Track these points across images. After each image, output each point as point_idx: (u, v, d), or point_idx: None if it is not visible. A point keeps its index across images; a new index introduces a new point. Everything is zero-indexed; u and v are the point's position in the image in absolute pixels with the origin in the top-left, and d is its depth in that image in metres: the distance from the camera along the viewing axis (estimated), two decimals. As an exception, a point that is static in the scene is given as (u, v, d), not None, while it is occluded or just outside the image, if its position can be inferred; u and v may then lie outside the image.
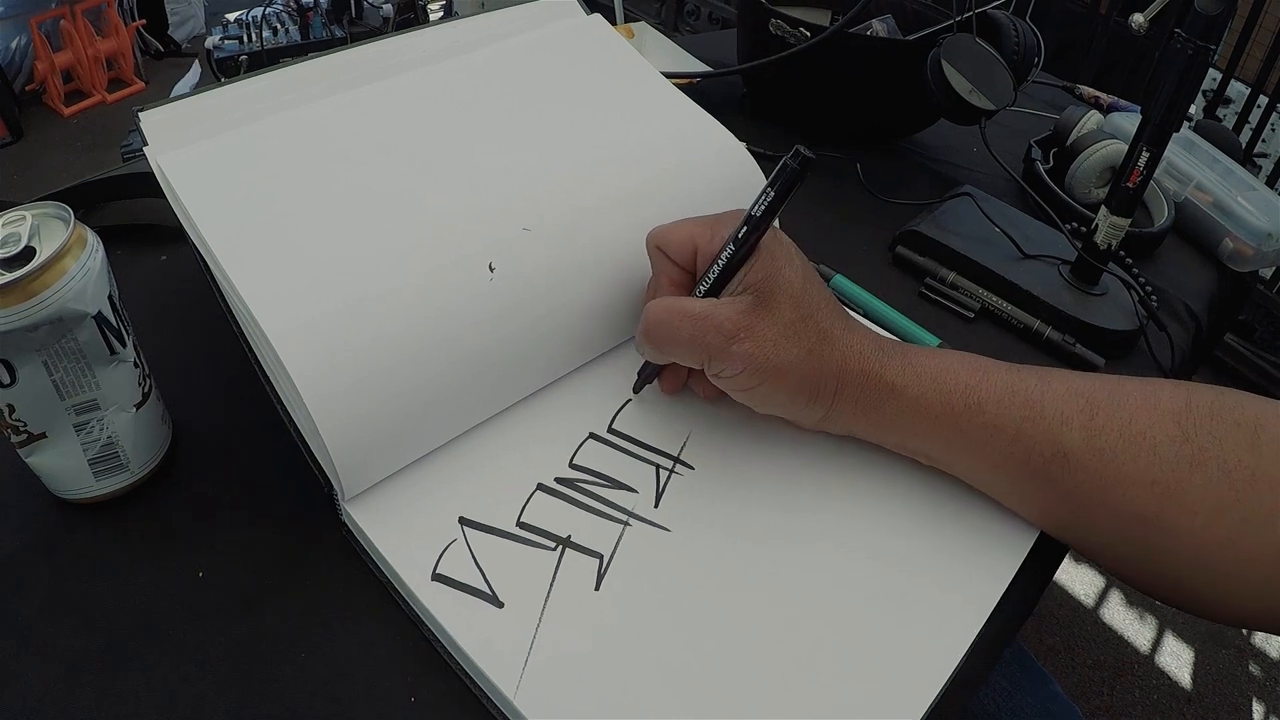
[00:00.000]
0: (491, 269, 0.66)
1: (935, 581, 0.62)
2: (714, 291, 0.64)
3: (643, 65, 0.87)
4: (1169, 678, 2.15)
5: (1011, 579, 0.62)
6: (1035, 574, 0.65)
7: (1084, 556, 0.65)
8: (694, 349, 0.62)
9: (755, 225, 0.62)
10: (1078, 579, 2.34)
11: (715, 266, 0.64)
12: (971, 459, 0.64)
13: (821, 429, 0.67)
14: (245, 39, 3.77)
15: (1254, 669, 2.20)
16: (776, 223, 0.64)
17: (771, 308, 0.61)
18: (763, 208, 0.62)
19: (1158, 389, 0.61)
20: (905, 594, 0.61)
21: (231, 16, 3.89)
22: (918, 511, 0.66)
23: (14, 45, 4.18)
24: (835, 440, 0.69)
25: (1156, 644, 2.22)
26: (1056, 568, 0.71)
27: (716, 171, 0.80)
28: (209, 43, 3.79)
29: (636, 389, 0.71)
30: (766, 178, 0.61)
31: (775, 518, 0.64)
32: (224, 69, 3.66)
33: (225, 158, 0.68)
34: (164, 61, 4.89)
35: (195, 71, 4.36)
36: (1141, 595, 2.25)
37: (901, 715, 0.54)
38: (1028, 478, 0.62)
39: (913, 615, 0.60)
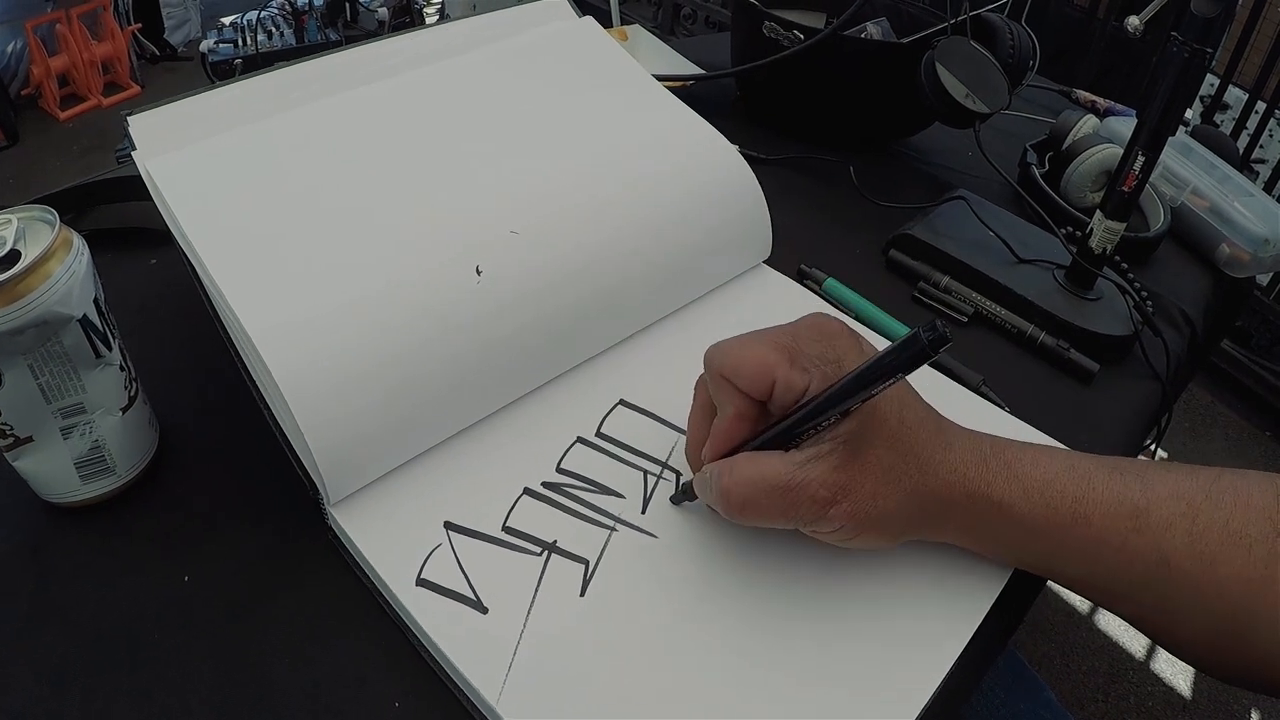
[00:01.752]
0: (479, 272, 0.65)
1: (926, 588, 0.61)
2: (795, 441, 0.57)
3: (634, 68, 0.87)
4: (1164, 684, 2.15)
5: (1004, 585, 0.62)
6: (1028, 581, 0.65)
7: (1172, 653, 0.64)
8: (785, 520, 0.57)
9: (863, 383, 0.53)
10: (1073, 585, 2.34)
11: (810, 429, 0.56)
12: (1074, 568, 0.62)
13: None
14: (240, 43, 3.77)
15: (1250, 675, 2.19)
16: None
17: (866, 458, 0.56)
18: (879, 388, 0.52)
19: (1250, 483, 0.60)
20: (895, 600, 0.60)
21: (227, 20, 3.89)
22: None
23: (9, 49, 4.18)
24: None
25: (1152, 651, 2.22)
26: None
27: (708, 175, 0.80)
28: (204, 46, 3.79)
29: (677, 502, 0.65)
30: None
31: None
32: (219, 73, 3.66)
33: (212, 161, 0.68)
34: (160, 65, 4.90)
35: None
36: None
37: (891, 722, 0.54)
38: (1127, 585, 0.60)
39: (903, 622, 0.59)
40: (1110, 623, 2.27)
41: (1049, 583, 0.65)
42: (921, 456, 0.58)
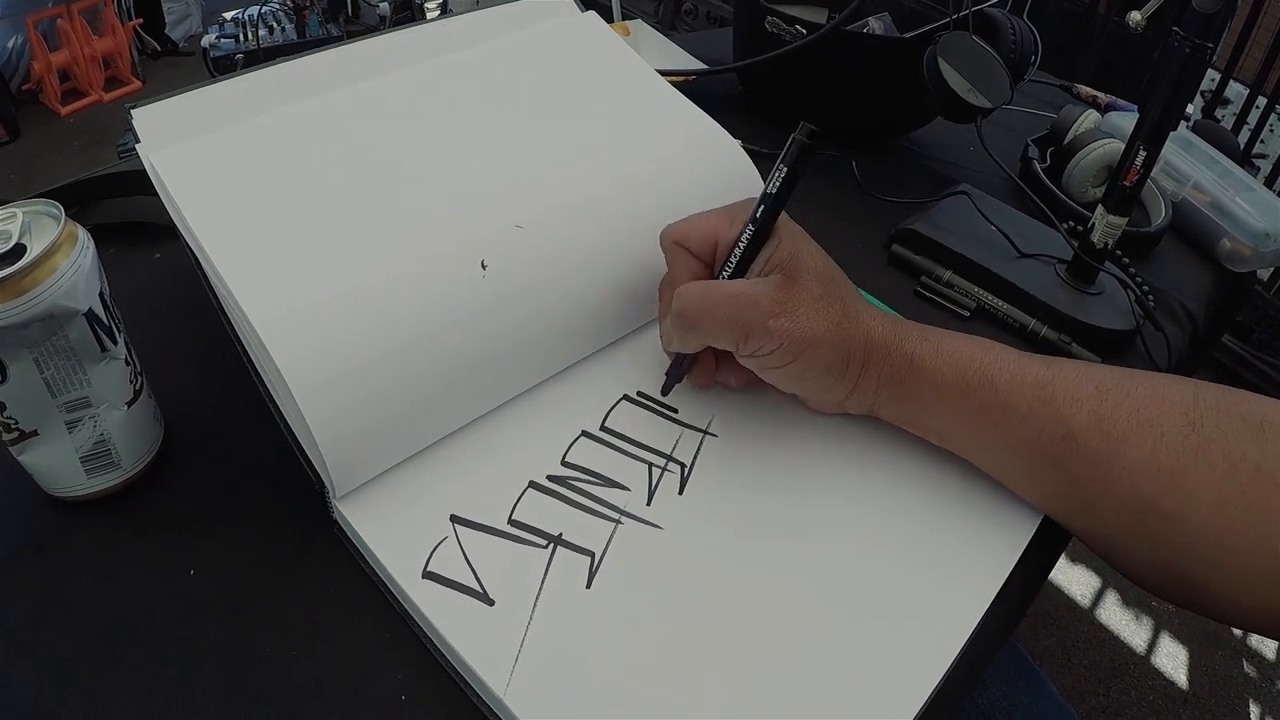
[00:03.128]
0: (484, 266, 0.66)
1: (930, 580, 0.62)
2: (738, 274, 0.65)
3: (637, 62, 0.87)
4: (1165, 679, 2.15)
5: (1005, 579, 0.62)
6: (1030, 575, 0.65)
7: (1086, 545, 0.66)
8: (732, 327, 0.62)
9: (772, 203, 0.64)
10: (1074, 580, 2.34)
11: (736, 250, 0.65)
12: (983, 437, 0.65)
13: (843, 409, 0.68)
14: (241, 37, 3.77)
15: (1250, 670, 2.20)
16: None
17: (800, 285, 0.62)
18: (777, 185, 0.63)
19: (1166, 381, 0.62)
20: (899, 593, 0.61)
21: (228, 15, 3.90)
22: (911, 512, 0.66)
23: (11, 44, 4.18)
24: (828, 437, 0.69)
25: (1153, 645, 2.22)
26: (1051, 568, 0.71)
27: (711, 169, 0.80)
28: (205, 41, 3.80)
29: (665, 391, 0.72)
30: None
31: (768, 515, 0.64)
32: (220, 68, 3.67)
33: (217, 154, 0.68)
34: (161, 61, 4.90)
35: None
36: (1138, 596, 2.26)
37: (894, 714, 0.54)
38: (1036, 458, 0.63)
39: (907, 614, 0.59)
40: (1112, 617, 2.27)
41: (1052, 577, 0.66)
42: (845, 300, 0.64)
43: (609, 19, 1.09)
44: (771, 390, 0.68)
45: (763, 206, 0.64)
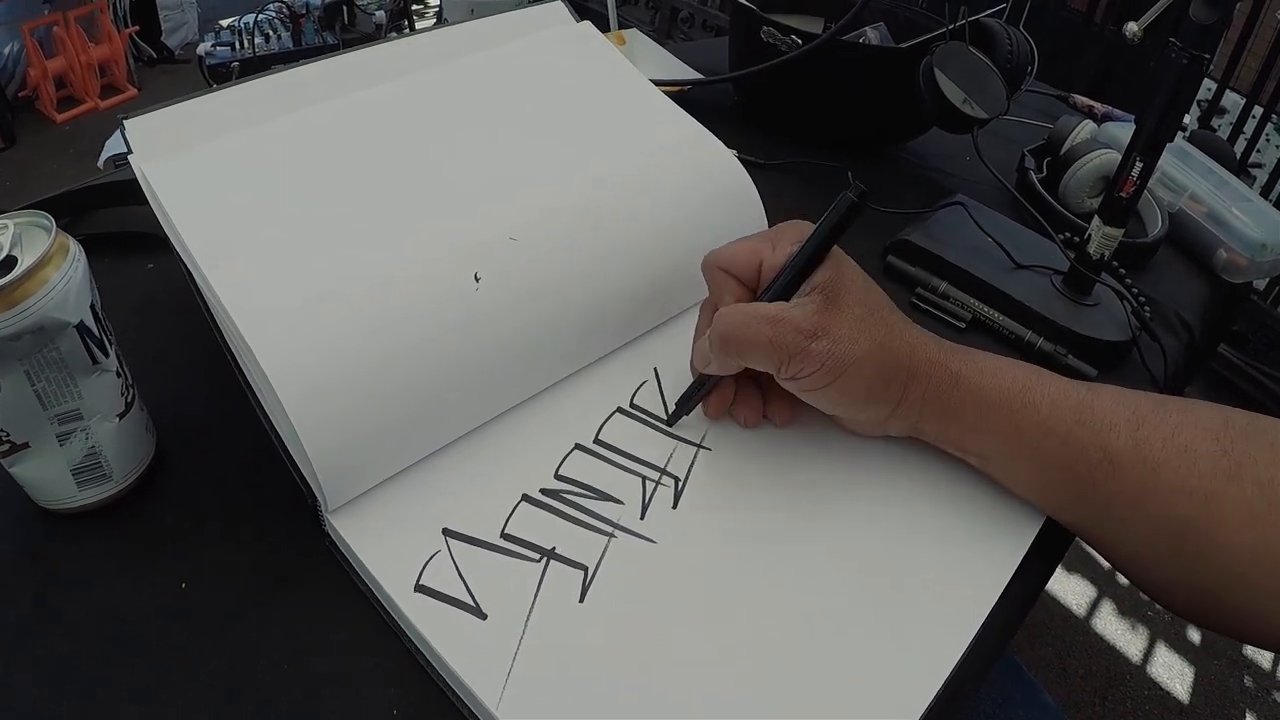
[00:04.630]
0: (477, 278, 0.65)
1: (926, 593, 0.61)
2: (781, 299, 0.65)
3: (632, 73, 0.87)
4: (1161, 688, 2.15)
5: (1001, 591, 0.62)
6: (1026, 585, 0.65)
7: (1119, 569, 0.67)
8: (773, 351, 0.62)
9: (822, 235, 0.64)
10: (1070, 589, 2.34)
11: (784, 275, 0.65)
12: (1024, 459, 0.65)
13: (886, 429, 0.68)
14: (237, 45, 3.78)
15: (1247, 680, 2.20)
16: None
17: (841, 306, 0.63)
18: (828, 229, 0.64)
19: (1198, 407, 0.63)
20: (895, 605, 0.60)
21: (224, 23, 3.90)
22: (907, 524, 0.65)
23: (7, 51, 4.19)
24: (822, 450, 0.69)
25: (1149, 654, 2.22)
26: (1048, 578, 0.71)
27: (706, 181, 0.80)
28: (201, 49, 3.81)
29: (672, 421, 0.71)
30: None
31: (762, 529, 0.64)
32: (216, 75, 3.67)
33: (209, 166, 0.68)
34: (157, 68, 4.91)
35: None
36: (1134, 605, 2.26)
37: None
38: (1074, 482, 0.63)
39: (902, 629, 0.59)
40: (1108, 626, 2.27)
41: (1048, 587, 0.66)
42: (888, 320, 0.64)
43: (604, 28, 1.09)
44: (806, 413, 0.68)
45: (816, 243, 0.64)
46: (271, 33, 3.87)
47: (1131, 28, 0.82)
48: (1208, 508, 0.59)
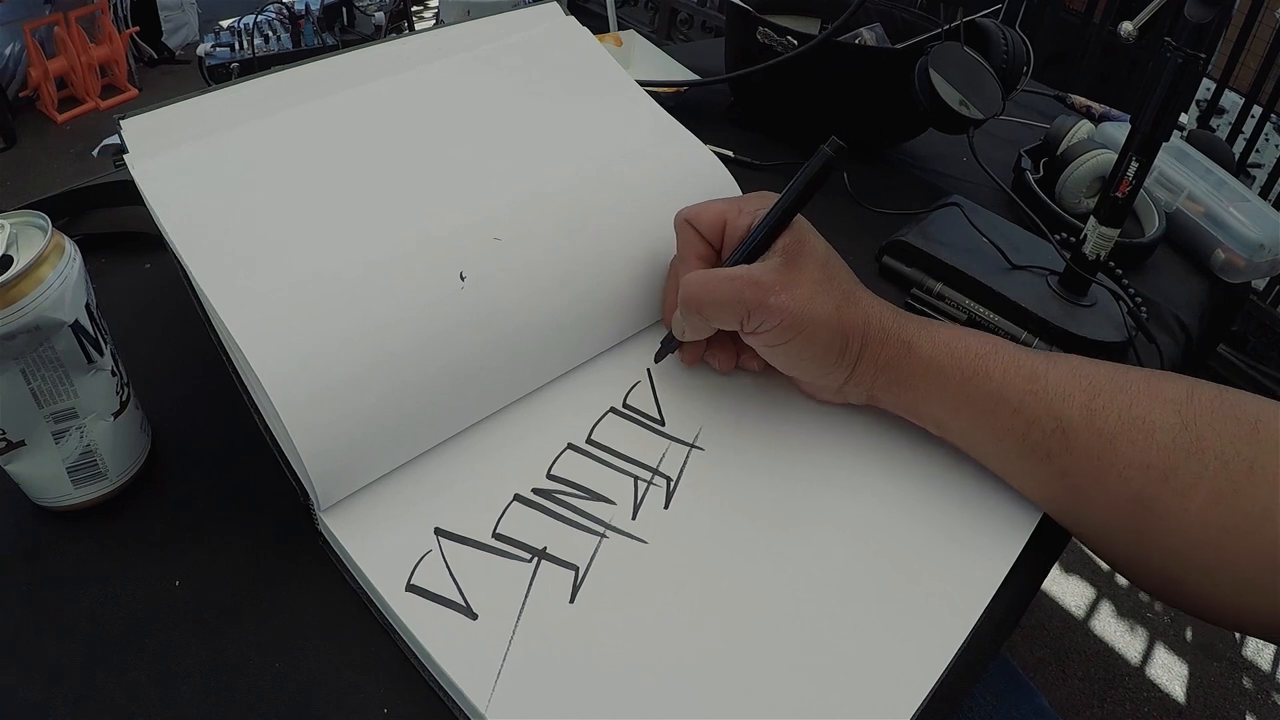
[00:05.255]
0: (462, 278, 0.65)
1: (920, 594, 0.61)
2: (745, 261, 0.67)
3: (617, 73, 0.87)
4: (1160, 690, 2.15)
5: (996, 590, 0.62)
6: (1021, 584, 0.65)
7: (1081, 542, 0.67)
8: (734, 306, 0.64)
9: (788, 200, 0.67)
10: (1068, 591, 2.34)
11: (750, 239, 0.67)
12: (977, 428, 0.66)
13: (843, 396, 0.70)
14: (237, 46, 3.78)
15: (1245, 682, 2.20)
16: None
17: (801, 267, 0.65)
18: (802, 185, 0.67)
19: (1161, 378, 0.63)
20: (887, 607, 0.60)
21: (224, 24, 3.91)
22: (900, 526, 0.65)
23: (8, 51, 4.20)
24: (815, 449, 0.69)
25: (1147, 656, 2.22)
26: (1044, 578, 0.71)
27: (689, 181, 0.80)
28: (201, 50, 3.81)
29: (659, 358, 0.74)
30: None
31: (754, 529, 0.64)
32: (216, 76, 3.68)
33: (200, 165, 0.68)
34: (157, 69, 4.91)
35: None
36: (1132, 607, 2.26)
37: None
38: (1028, 452, 0.63)
39: (894, 630, 0.59)
40: (1106, 628, 2.27)
41: (1046, 588, 0.66)
42: (845, 286, 0.67)
43: (603, 30, 1.09)
44: (769, 388, 0.71)
45: (782, 202, 0.67)
46: (271, 34, 3.87)
47: (1126, 27, 0.82)
48: (1166, 483, 0.58)
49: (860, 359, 0.66)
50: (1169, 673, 2.19)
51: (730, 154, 0.83)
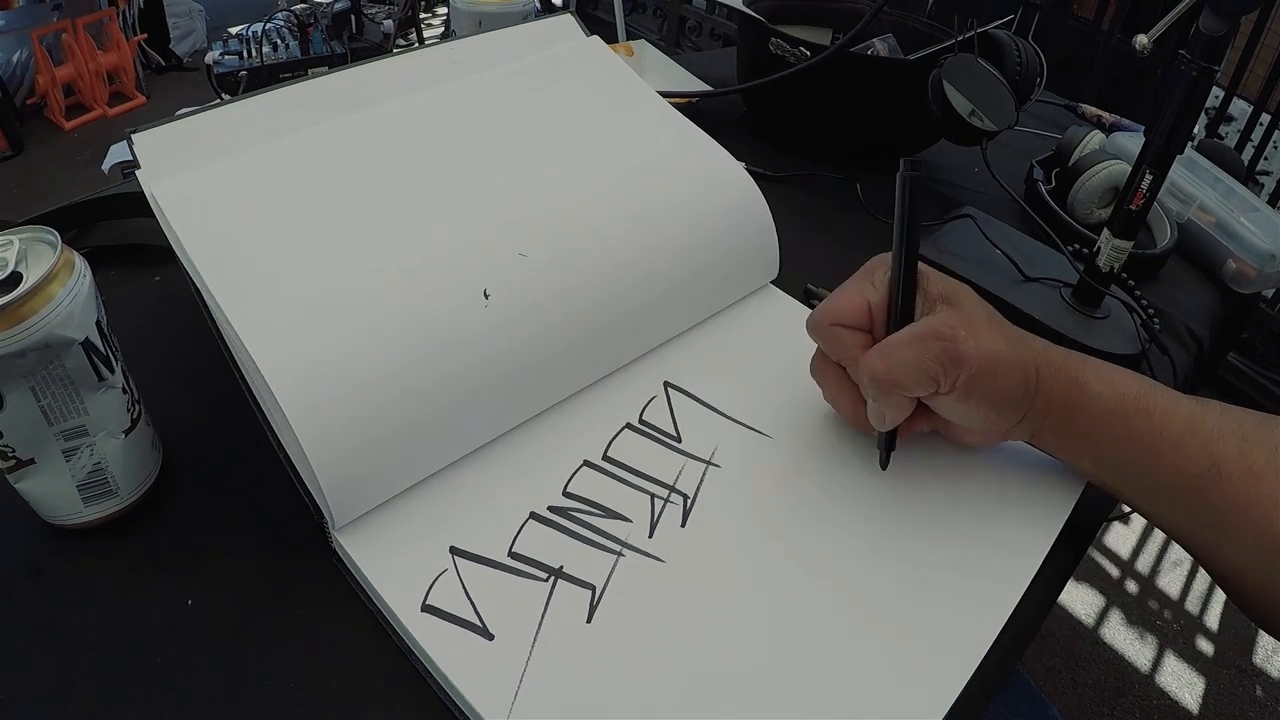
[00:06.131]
0: (486, 295, 0.65)
1: (934, 615, 0.61)
2: (904, 321, 0.65)
3: (641, 88, 0.87)
4: (1170, 698, 2.14)
5: (1013, 609, 0.62)
6: (1038, 600, 0.64)
7: (1221, 585, 0.68)
8: (927, 366, 0.62)
9: (907, 238, 0.65)
10: (1079, 600, 2.34)
11: (895, 293, 0.65)
12: (1135, 465, 0.65)
13: (1009, 436, 0.68)
14: (246, 54, 3.78)
15: (1258, 690, 2.19)
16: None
17: (967, 309, 0.64)
18: (903, 219, 0.65)
19: None
20: (904, 627, 0.60)
21: (233, 31, 3.90)
22: (916, 544, 0.65)
23: (15, 58, 4.21)
24: (830, 467, 0.69)
25: (1157, 664, 2.22)
26: (1059, 591, 0.70)
27: (716, 194, 0.80)
28: (210, 58, 3.80)
29: (884, 465, 0.68)
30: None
31: (773, 548, 0.63)
32: (224, 84, 3.67)
33: (219, 184, 0.68)
34: (165, 76, 4.92)
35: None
36: (1142, 615, 2.26)
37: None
38: (1182, 490, 0.63)
39: (910, 651, 0.59)
40: (1116, 635, 2.27)
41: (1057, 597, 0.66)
42: (1004, 322, 0.66)
43: (613, 39, 1.09)
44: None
45: (901, 244, 0.65)
46: (280, 41, 3.87)
47: (1141, 40, 0.82)
48: None
49: (1037, 395, 0.64)
50: (1179, 680, 2.18)
51: (743, 165, 0.83)
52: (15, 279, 0.53)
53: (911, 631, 0.60)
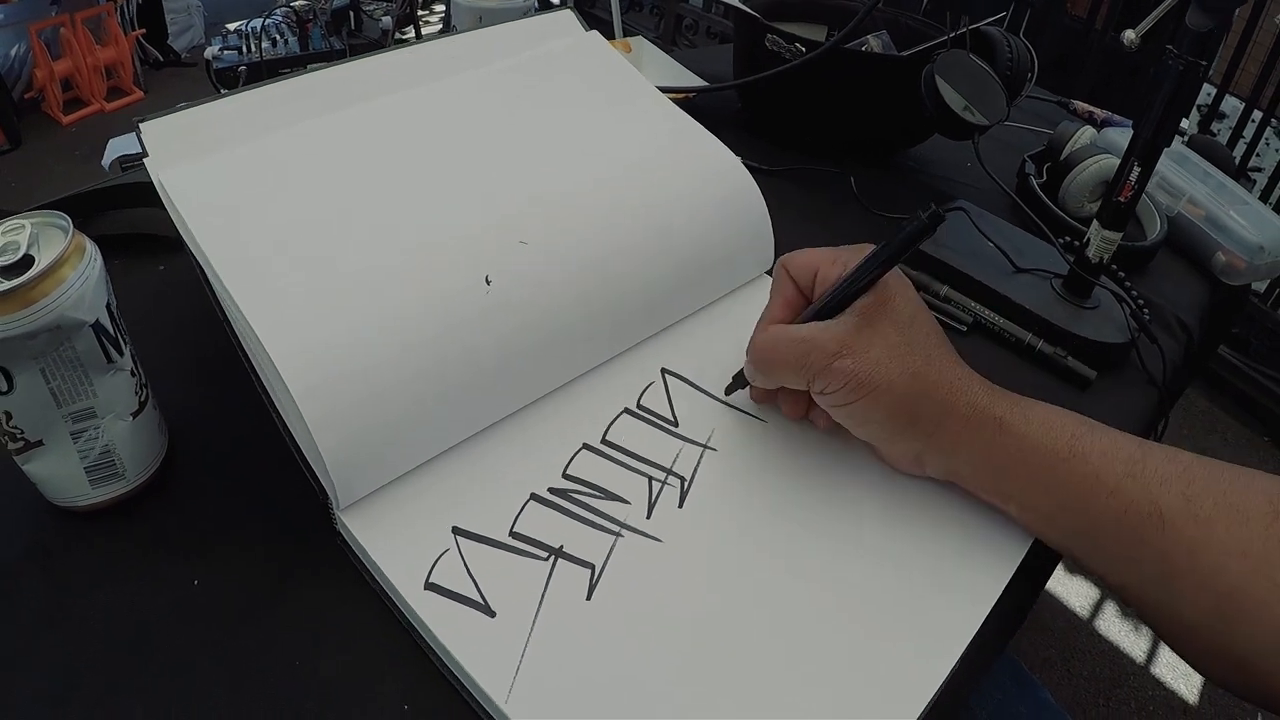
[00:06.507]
0: (488, 281, 0.66)
1: (928, 591, 0.62)
2: (824, 315, 0.66)
3: (640, 82, 0.88)
4: (1165, 689, 2.15)
5: (1004, 587, 0.63)
6: (1026, 586, 0.65)
7: (1165, 639, 0.64)
8: (798, 370, 0.64)
9: (877, 261, 0.64)
10: (1073, 590, 2.34)
11: (830, 292, 0.66)
12: (1069, 511, 0.63)
13: (922, 468, 0.67)
14: (244, 49, 3.78)
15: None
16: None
17: (876, 330, 0.63)
18: (894, 248, 0.63)
19: (1253, 472, 0.61)
20: (897, 607, 0.61)
21: (231, 26, 3.90)
22: (909, 525, 0.66)
23: (13, 53, 4.20)
24: (826, 453, 0.70)
25: (1152, 655, 2.22)
26: (1047, 579, 0.71)
27: (713, 186, 0.81)
28: (208, 53, 3.80)
29: (729, 391, 0.73)
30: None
31: (766, 529, 0.65)
32: (223, 79, 3.67)
33: (227, 173, 0.69)
34: (163, 71, 4.91)
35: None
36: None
37: (894, 722, 0.55)
38: (1123, 535, 0.61)
39: (904, 630, 0.60)
40: (1111, 627, 2.27)
41: (1051, 588, 0.66)
42: (928, 350, 0.64)
43: (610, 35, 1.10)
44: (839, 433, 0.69)
45: (866, 261, 0.65)
46: (279, 37, 3.87)
47: (1129, 35, 0.83)
48: (1260, 574, 0.56)
49: (938, 430, 0.64)
50: (1175, 671, 2.19)
51: (739, 160, 0.84)
52: (27, 262, 0.53)
53: (903, 610, 0.61)
